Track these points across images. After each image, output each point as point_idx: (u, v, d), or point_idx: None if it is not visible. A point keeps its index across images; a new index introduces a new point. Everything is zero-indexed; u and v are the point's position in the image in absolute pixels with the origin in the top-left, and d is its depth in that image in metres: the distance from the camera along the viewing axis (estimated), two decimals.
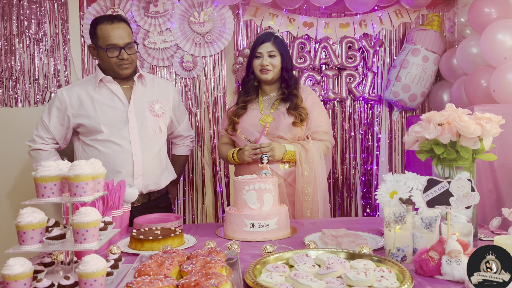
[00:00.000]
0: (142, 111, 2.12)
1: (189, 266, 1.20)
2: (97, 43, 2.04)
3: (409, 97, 2.98)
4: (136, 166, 2.07)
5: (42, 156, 2.13)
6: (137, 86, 2.15)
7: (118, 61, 2.03)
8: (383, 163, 3.21)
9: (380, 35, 3.16)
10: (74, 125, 2.10)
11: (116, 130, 2.06)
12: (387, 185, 1.52)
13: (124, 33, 2.02)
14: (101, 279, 1.10)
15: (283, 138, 2.16)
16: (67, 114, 2.08)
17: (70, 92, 2.09)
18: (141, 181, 2.10)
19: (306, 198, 2.11)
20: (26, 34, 2.93)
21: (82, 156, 2.12)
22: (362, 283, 1.12)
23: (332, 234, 1.60)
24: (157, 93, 2.20)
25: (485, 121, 1.46)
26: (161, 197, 2.26)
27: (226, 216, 1.78)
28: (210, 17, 2.99)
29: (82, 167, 1.18)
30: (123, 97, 2.11)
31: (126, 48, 2.03)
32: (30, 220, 1.14)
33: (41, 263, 1.31)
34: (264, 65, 2.16)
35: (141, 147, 2.09)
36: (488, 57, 2.37)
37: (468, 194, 1.24)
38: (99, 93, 2.09)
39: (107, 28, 2.00)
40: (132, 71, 2.12)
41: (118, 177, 2.01)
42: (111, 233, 1.31)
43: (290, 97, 2.19)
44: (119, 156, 2.05)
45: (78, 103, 2.08)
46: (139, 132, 2.09)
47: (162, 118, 2.18)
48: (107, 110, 2.07)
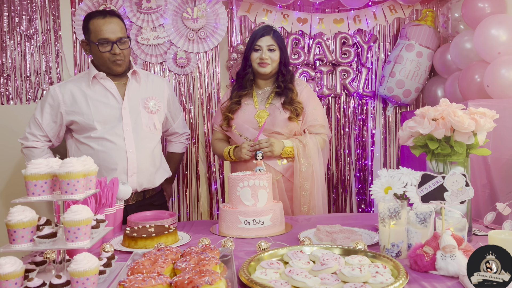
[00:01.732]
0: (136, 108, 2.10)
1: (182, 263, 1.19)
2: (90, 37, 2.02)
3: (403, 93, 2.98)
4: (131, 164, 2.05)
5: (34, 153, 2.10)
6: (131, 82, 2.12)
7: (110, 56, 2.01)
8: (377, 159, 3.22)
9: (374, 30, 3.15)
10: (67, 122, 2.07)
11: (110, 127, 2.04)
12: (382, 180, 1.52)
13: (116, 28, 2.00)
14: (94, 278, 1.09)
15: (280, 133, 2.15)
16: (60, 111, 2.05)
17: (63, 89, 2.07)
18: (136, 178, 2.08)
19: (304, 194, 2.10)
20: (17, 30, 2.89)
21: (75, 154, 2.09)
22: (357, 279, 1.11)
23: (327, 230, 1.60)
24: (151, 90, 2.17)
25: (479, 116, 1.45)
26: (156, 195, 2.24)
27: (220, 213, 1.77)
28: (204, 13, 2.97)
29: (73, 164, 1.16)
30: (117, 94, 2.08)
31: (119, 43, 2.01)
32: (21, 219, 1.12)
33: (33, 262, 1.29)
34: (264, 58, 2.14)
35: (136, 145, 2.06)
36: (482, 52, 2.38)
37: (463, 189, 1.24)
38: (92, 89, 2.06)
39: (99, 22, 1.98)
40: (125, 67, 2.09)
41: (112, 174, 2.00)
42: (103, 231, 1.30)
43: (285, 91, 2.17)
44: (113, 153, 2.03)
45: (71, 99, 2.05)
46: (133, 129, 2.07)
47: (156, 115, 2.15)
48: (100, 107, 2.05)
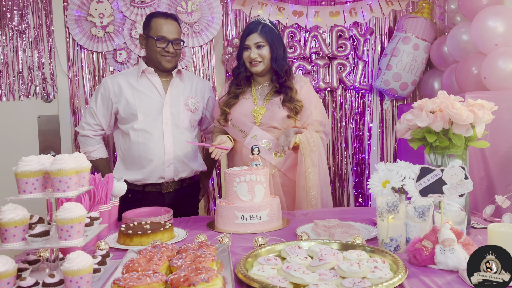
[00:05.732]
0: (176, 104, 2.24)
1: (178, 261, 1.18)
2: (149, 33, 2.19)
3: (400, 86, 2.96)
4: (167, 155, 2.19)
5: (89, 142, 2.29)
6: (175, 80, 2.27)
7: (163, 51, 2.17)
8: (374, 152, 3.21)
9: (370, 23, 3.13)
10: (115, 110, 2.23)
11: (151, 119, 2.19)
12: (380, 174, 1.50)
13: (174, 29, 2.19)
14: (87, 277, 1.07)
15: (277, 128, 2.11)
16: (110, 98, 2.23)
17: (113, 80, 2.26)
18: (172, 169, 2.21)
19: (308, 185, 2.05)
20: (9, 26, 2.84)
21: (121, 144, 2.26)
22: (356, 275, 1.10)
23: (325, 225, 1.58)
24: (194, 90, 2.32)
25: (478, 108, 1.44)
26: (193, 185, 2.37)
27: (217, 209, 1.75)
28: (198, 7, 2.94)
29: (65, 161, 1.13)
30: (161, 89, 2.24)
31: (174, 42, 2.18)
32: (12, 217, 1.10)
33: (26, 261, 1.27)
34: (252, 58, 2.08)
35: (173, 138, 2.20)
36: (479, 44, 2.36)
37: (462, 182, 1.23)
38: (139, 83, 2.23)
39: (161, 21, 2.18)
40: (174, 65, 2.25)
41: (149, 165, 2.18)
42: (97, 229, 1.27)
43: (284, 89, 2.10)
44: (151, 145, 2.18)
45: (119, 90, 2.22)
46: (172, 123, 2.21)
47: (194, 113, 2.30)
48: (144, 99, 2.20)
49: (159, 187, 2.22)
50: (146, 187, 2.21)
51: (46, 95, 2.92)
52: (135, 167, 2.20)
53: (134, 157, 2.19)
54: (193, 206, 2.41)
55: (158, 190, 2.22)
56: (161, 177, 2.19)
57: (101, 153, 2.32)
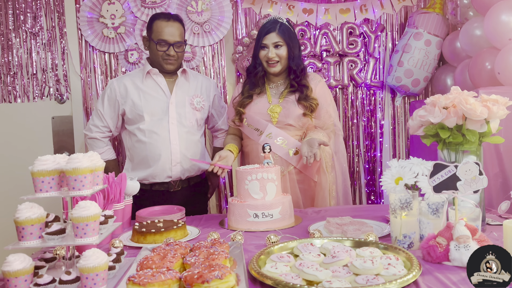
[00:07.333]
0: (182, 104, 2.25)
1: (192, 258, 1.18)
2: (151, 36, 2.21)
3: (412, 82, 2.94)
4: (174, 154, 2.20)
5: (97, 144, 2.30)
6: (180, 80, 2.28)
7: (164, 55, 2.18)
8: (386, 149, 3.18)
9: (381, 19, 3.10)
10: (121, 111, 2.25)
11: (157, 119, 2.20)
12: (392, 171, 1.49)
13: (176, 32, 2.18)
14: (103, 274, 1.08)
15: (292, 125, 2.11)
16: (117, 99, 2.24)
17: (119, 82, 2.27)
18: (179, 168, 2.23)
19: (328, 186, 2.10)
20: (22, 28, 2.89)
21: (128, 144, 2.28)
22: (369, 271, 1.09)
23: (337, 222, 1.58)
24: (199, 89, 2.33)
25: (492, 103, 1.42)
26: (200, 183, 2.39)
27: (229, 207, 1.76)
28: (208, 6, 2.95)
29: (80, 160, 1.15)
30: (166, 89, 2.25)
31: (175, 46, 2.18)
32: (29, 216, 1.12)
33: (43, 259, 1.29)
34: (270, 57, 2.08)
35: (179, 137, 2.22)
36: (492, 39, 2.33)
37: (476, 178, 1.22)
38: (145, 84, 2.24)
39: (162, 24, 2.17)
40: (176, 67, 2.25)
41: (157, 164, 2.19)
42: (112, 227, 1.29)
43: (300, 88, 2.11)
44: (158, 145, 2.19)
45: (125, 91, 2.24)
46: (178, 122, 2.23)
47: (200, 112, 2.30)
48: (150, 99, 2.22)
49: (167, 186, 2.24)
50: (153, 186, 2.23)
51: (60, 96, 2.96)
52: (142, 167, 2.22)
53: (141, 156, 2.21)
54: (202, 204, 2.42)
55: (166, 189, 2.24)
56: (168, 176, 2.21)
57: (110, 154, 2.33)
